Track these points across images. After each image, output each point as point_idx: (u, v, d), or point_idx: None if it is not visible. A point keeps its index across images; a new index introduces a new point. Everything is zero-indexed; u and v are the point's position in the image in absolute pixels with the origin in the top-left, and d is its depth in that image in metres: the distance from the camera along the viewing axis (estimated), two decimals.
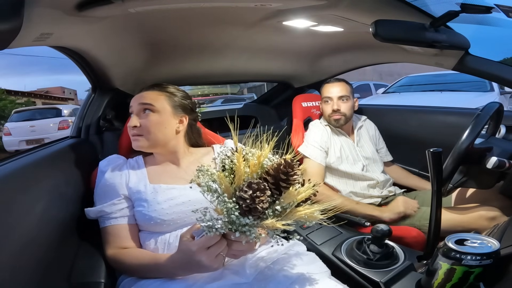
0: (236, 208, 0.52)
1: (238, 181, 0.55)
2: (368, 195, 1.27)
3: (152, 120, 0.80)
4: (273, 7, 0.83)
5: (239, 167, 0.55)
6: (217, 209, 0.56)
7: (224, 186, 0.55)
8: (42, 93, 16.41)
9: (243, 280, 0.66)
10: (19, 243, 0.55)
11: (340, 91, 1.32)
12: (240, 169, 0.55)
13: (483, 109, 0.87)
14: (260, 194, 0.51)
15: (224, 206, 0.53)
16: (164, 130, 0.81)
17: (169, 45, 1.08)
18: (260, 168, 0.56)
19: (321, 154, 1.28)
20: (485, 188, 0.98)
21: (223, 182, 0.56)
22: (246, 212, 0.52)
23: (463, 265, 0.55)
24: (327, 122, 1.37)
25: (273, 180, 0.54)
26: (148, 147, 0.82)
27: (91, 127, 1.09)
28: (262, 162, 0.56)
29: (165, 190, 0.77)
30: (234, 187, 0.55)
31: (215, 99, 8.35)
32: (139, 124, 0.80)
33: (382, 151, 1.45)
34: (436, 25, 0.79)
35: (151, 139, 0.80)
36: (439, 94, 3.96)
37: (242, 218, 0.52)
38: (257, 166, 0.56)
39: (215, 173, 0.57)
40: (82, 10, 0.66)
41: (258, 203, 0.51)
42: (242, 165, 0.56)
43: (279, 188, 0.54)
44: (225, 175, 0.56)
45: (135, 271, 0.71)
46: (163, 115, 0.81)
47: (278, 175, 0.53)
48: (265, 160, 0.57)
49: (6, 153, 5.94)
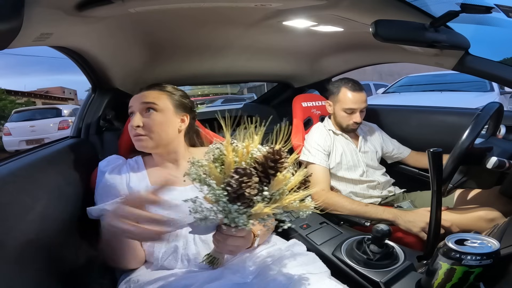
0: (224, 194, 0.53)
1: (227, 171, 0.56)
2: (368, 195, 1.27)
3: (155, 119, 0.79)
4: (273, 7, 0.83)
5: (228, 156, 0.56)
6: (206, 197, 0.56)
7: (214, 176, 0.56)
8: (42, 93, 16.43)
9: (243, 280, 0.66)
10: (19, 243, 0.55)
11: (364, 101, 1.26)
12: (229, 158, 0.56)
13: (483, 109, 0.86)
14: (247, 180, 0.51)
15: (212, 194, 0.54)
16: (167, 129, 0.81)
17: (169, 45, 1.08)
18: (249, 158, 0.57)
19: (325, 157, 1.27)
20: (485, 188, 0.98)
21: (213, 172, 0.56)
22: (235, 199, 0.52)
23: (463, 265, 0.55)
24: (335, 125, 1.35)
25: (262, 168, 0.54)
26: (152, 147, 0.81)
27: (91, 127, 1.09)
28: (250, 151, 0.57)
29: (166, 192, 0.76)
30: (223, 177, 0.56)
31: (215, 99, 8.34)
32: (142, 124, 0.79)
33: (395, 151, 1.42)
34: (436, 25, 0.79)
35: (155, 139, 0.79)
36: (439, 94, 3.96)
37: (230, 204, 0.52)
38: (246, 156, 0.57)
39: (206, 164, 0.57)
40: (82, 10, 0.66)
41: (246, 188, 0.51)
42: (231, 155, 0.56)
43: (268, 176, 0.54)
44: (215, 166, 0.57)
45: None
46: (166, 114, 0.81)
47: (266, 163, 0.54)
48: (254, 150, 0.57)
49: (6, 153, 5.94)
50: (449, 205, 1.14)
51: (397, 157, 1.44)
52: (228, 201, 0.53)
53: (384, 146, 1.42)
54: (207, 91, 11.18)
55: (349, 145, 1.34)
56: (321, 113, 1.52)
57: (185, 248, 0.72)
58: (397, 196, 1.33)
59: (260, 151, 0.57)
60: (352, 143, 1.34)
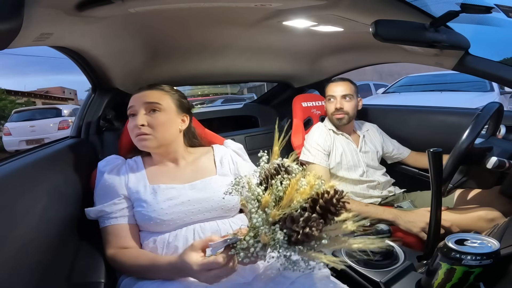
0: (286, 240, 0.50)
1: (284, 206, 0.52)
2: (368, 195, 1.27)
3: (160, 119, 0.79)
4: (273, 7, 0.83)
5: (291, 192, 0.52)
6: (263, 237, 0.52)
7: (270, 210, 0.52)
8: (42, 93, 16.41)
9: (243, 280, 0.66)
10: (19, 243, 0.55)
11: (344, 90, 1.32)
12: (291, 195, 0.52)
13: (483, 109, 0.86)
14: (314, 231, 0.48)
15: (271, 236, 0.50)
16: (170, 129, 0.81)
17: (169, 45, 1.08)
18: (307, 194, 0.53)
19: (325, 157, 1.27)
20: (485, 188, 0.98)
21: (269, 205, 0.52)
22: (291, 243, 0.50)
23: (463, 265, 0.55)
24: (330, 122, 1.36)
25: (322, 211, 0.50)
26: (155, 147, 0.81)
27: (91, 127, 1.09)
28: (312, 192, 0.53)
29: (164, 190, 0.77)
30: (280, 213, 0.52)
31: (215, 99, 8.34)
32: (146, 123, 0.79)
33: (395, 152, 1.43)
34: (436, 25, 0.79)
35: (158, 138, 0.79)
36: (439, 94, 3.96)
37: (289, 248, 0.50)
38: (307, 194, 0.53)
39: (260, 193, 0.54)
40: (82, 10, 0.66)
41: (310, 238, 0.48)
42: (294, 192, 0.52)
43: (324, 218, 0.51)
44: (269, 194, 0.53)
45: (134, 271, 0.71)
46: (169, 114, 0.81)
47: (329, 206, 0.50)
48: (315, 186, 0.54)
49: (6, 153, 5.94)
50: (449, 205, 1.14)
51: (397, 157, 1.44)
52: (287, 245, 0.50)
53: (385, 146, 1.42)
54: (207, 91, 11.18)
55: (350, 145, 1.34)
56: (321, 113, 1.52)
57: (185, 248, 0.72)
58: (397, 196, 1.33)
59: (317, 186, 0.53)
60: (352, 143, 1.34)
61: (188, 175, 0.83)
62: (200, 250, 0.58)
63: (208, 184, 0.80)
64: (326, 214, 0.51)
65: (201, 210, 0.76)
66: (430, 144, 0.80)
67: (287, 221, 0.50)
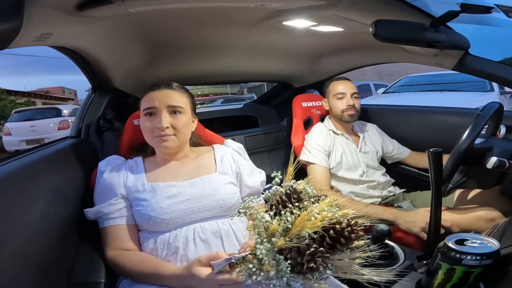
0: (289, 269, 0.49)
1: (292, 236, 0.51)
2: (368, 195, 1.27)
3: (183, 121, 0.81)
4: (273, 7, 0.83)
5: (301, 223, 0.50)
6: (267, 266, 0.51)
7: (277, 239, 0.51)
8: (42, 93, 16.42)
9: None
10: (19, 243, 0.55)
11: (353, 88, 1.35)
12: (300, 225, 0.50)
13: (483, 109, 0.86)
14: (320, 266, 0.47)
15: (275, 265, 0.50)
16: (189, 130, 0.85)
17: (169, 45, 1.08)
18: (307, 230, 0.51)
19: (325, 157, 1.27)
20: (485, 188, 0.98)
21: (275, 234, 0.51)
22: (294, 272, 0.49)
23: (463, 265, 0.55)
24: (334, 120, 1.37)
25: (331, 241, 0.49)
26: (176, 147, 0.82)
27: (91, 127, 1.09)
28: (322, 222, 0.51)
29: (163, 188, 0.77)
30: (287, 242, 0.50)
31: (215, 99, 8.35)
32: (170, 125, 0.79)
33: (395, 152, 1.43)
34: (436, 25, 0.79)
35: (180, 139, 0.81)
36: (439, 94, 3.96)
37: (291, 277, 0.49)
38: (318, 227, 0.50)
39: (268, 219, 0.52)
40: (82, 10, 0.66)
41: (314, 271, 0.48)
42: (304, 222, 0.50)
43: (333, 247, 0.50)
44: (277, 223, 0.52)
45: (134, 276, 0.71)
46: (188, 115, 0.83)
47: (339, 237, 0.49)
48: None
49: (6, 153, 5.94)
50: (449, 205, 1.14)
51: (397, 157, 1.44)
52: (290, 274, 0.49)
53: (384, 147, 1.42)
54: (207, 91, 11.20)
55: (350, 145, 1.34)
56: (321, 113, 1.52)
57: (185, 249, 0.72)
58: (397, 196, 1.33)
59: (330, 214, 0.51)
60: (352, 143, 1.34)
61: (189, 172, 0.83)
62: (206, 264, 0.59)
63: (208, 182, 0.80)
64: (335, 244, 0.50)
65: (201, 208, 0.76)
66: (430, 144, 0.80)
67: (293, 251, 0.50)
